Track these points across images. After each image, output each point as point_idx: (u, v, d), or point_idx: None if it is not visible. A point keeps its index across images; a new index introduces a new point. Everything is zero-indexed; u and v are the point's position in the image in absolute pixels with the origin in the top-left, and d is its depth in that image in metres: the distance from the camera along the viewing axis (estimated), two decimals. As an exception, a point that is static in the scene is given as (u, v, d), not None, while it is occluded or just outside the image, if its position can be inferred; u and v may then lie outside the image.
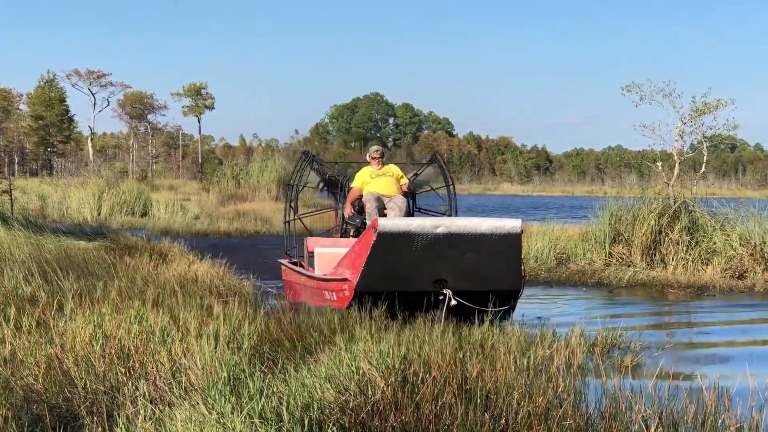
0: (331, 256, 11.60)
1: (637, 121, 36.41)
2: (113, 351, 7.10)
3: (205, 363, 6.26)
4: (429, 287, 10.02)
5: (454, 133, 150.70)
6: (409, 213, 13.18)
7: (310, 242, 12.77)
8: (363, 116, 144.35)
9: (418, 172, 14.28)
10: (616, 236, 18.76)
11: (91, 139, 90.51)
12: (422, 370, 6.20)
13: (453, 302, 9.91)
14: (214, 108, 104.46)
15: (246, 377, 5.79)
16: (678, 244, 17.86)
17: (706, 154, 21.32)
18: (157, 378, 6.49)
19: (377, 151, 13.31)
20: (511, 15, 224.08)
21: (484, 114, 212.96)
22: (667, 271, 17.41)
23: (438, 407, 5.52)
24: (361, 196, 12.92)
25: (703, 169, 21.62)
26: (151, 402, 5.82)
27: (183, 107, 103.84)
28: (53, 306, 8.65)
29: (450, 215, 13.55)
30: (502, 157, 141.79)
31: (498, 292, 10.26)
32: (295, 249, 14.42)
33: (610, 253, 18.54)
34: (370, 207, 12.53)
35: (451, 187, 13.94)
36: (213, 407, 5.29)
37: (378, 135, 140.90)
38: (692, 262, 17.60)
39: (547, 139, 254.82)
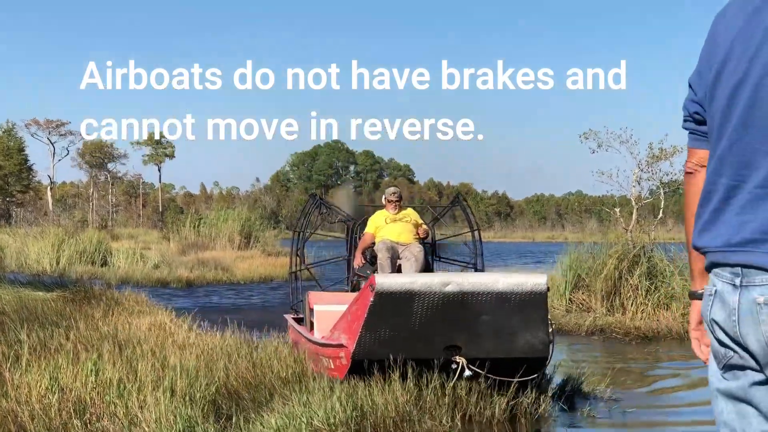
0: (332, 315, 10.05)
1: (596, 166, 36.75)
2: (70, 404, 7.04)
3: (159, 415, 6.20)
4: (439, 355, 8.42)
5: (415, 179, 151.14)
6: (427, 263, 12.04)
7: (312, 297, 11.17)
8: (324, 164, 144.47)
9: (439, 215, 13.47)
10: (576, 283, 18.85)
11: (51, 189, 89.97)
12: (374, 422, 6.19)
13: (467, 372, 8.37)
14: (174, 156, 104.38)
15: (200, 430, 5.75)
16: (637, 289, 17.95)
17: (663, 199, 21.51)
18: (113, 431, 6.43)
19: (394, 194, 12.27)
20: (469, 64, 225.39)
21: (445, 160, 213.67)
22: (625, 316, 17.49)
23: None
24: (374, 243, 11.89)
25: (661, 214, 21.79)
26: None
27: (143, 156, 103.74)
28: (9, 358, 8.56)
29: (476, 265, 12.57)
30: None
31: (521, 359, 8.69)
32: (301, 303, 12.54)
33: (570, 300, 18.61)
34: (382, 257, 11.50)
35: (477, 232, 12.78)
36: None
37: (339, 182, 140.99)
38: (651, 307, 17.69)
39: (507, 185, 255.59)
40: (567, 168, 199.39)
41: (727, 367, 2.50)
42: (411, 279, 8.15)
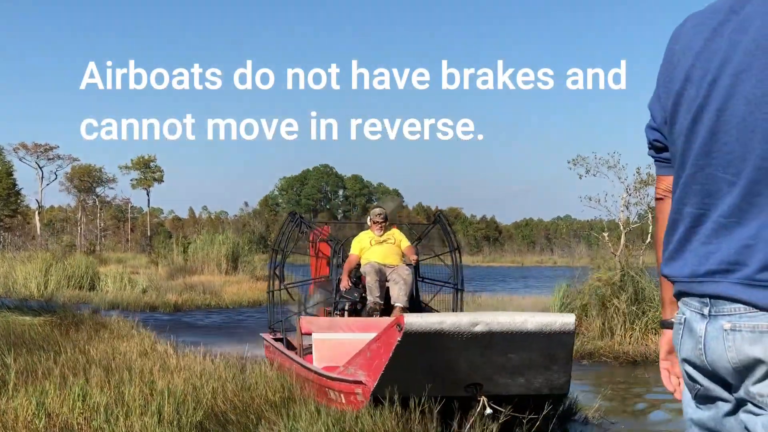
0: (333, 344, 10.10)
1: (584, 191, 36.81)
2: (57, 429, 7.00)
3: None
4: (461, 393, 8.22)
5: (404, 204, 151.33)
6: (415, 285, 11.98)
7: (305, 323, 10.92)
8: (313, 188, 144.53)
9: (422, 236, 13.21)
10: (566, 307, 18.89)
11: (39, 213, 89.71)
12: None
13: (488, 411, 8.10)
14: (163, 181, 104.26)
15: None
16: (625, 314, 17.97)
17: (652, 224, 21.54)
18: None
19: (380, 215, 12.04)
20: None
21: (433, 185, 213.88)
22: (614, 341, 17.49)
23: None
24: (359, 265, 11.71)
25: (649, 239, 21.83)
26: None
27: (132, 180, 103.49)
28: (-5, 384, 8.52)
29: (456, 286, 12.51)
30: (452, 228, 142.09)
31: (542, 396, 8.58)
32: (281, 323, 12.63)
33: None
34: (370, 280, 11.33)
35: (457, 253, 12.57)
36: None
37: (328, 207, 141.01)
38: (639, 332, 17.70)
39: (496, 210, 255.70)
40: (555, 193, 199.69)
41: (699, 398, 2.49)
42: (440, 319, 7.95)
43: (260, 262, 43.43)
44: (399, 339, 7.74)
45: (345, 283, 11.62)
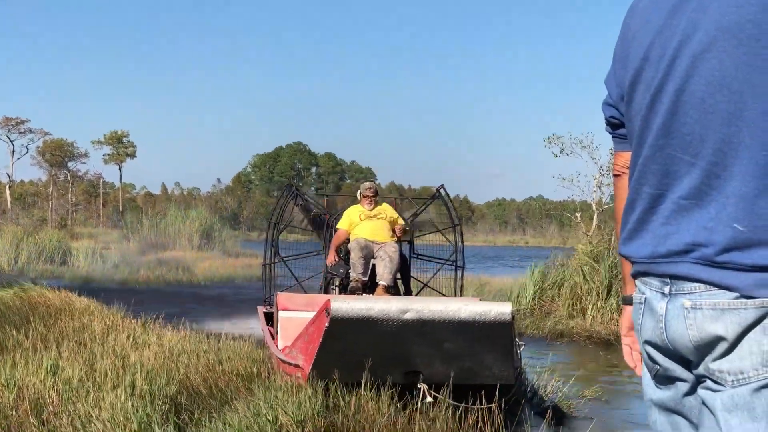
0: (297, 322, 9.55)
1: (558, 171, 36.95)
2: (27, 401, 6.95)
3: (115, 414, 6.13)
4: (400, 380, 7.97)
5: (377, 182, 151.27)
6: (404, 262, 11.72)
7: (282, 299, 10.45)
8: (286, 165, 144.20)
9: (418, 211, 12.91)
10: (540, 287, 18.98)
11: (10, 187, 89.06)
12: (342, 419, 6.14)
13: (428, 398, 7.83)
14: (135, 156, 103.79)
15: (158, 428, 5.68)
16: (597, 294, 18.06)
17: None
18: (71, 430, 6.36)
19: (370, 188, 11.70)
20: (432, 66, 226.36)
21: (407, 164, 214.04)
22: (585, 321, 17.58)
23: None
24: (348, 240, 11.41)
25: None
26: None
27: (104, 155, 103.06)
28: (-36, 356, 8.46)
29: (457, 264, 12.27)
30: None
31: (485, 386, 8.24)
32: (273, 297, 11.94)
33: (533, 305, 18.70)
34: (354, 257, 11.05)
35: (458, 228, 12.30)
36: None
37: (301, 184, 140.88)
38: (610, 311, 17.80)
39: (469, 189, 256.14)
40: (529, 172, 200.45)
41: (659, 378, 2.51)
42: (368, 305, 7.61)
43: (232, 238, 43.40)
44: (326, 324, 7.51)
45: (332, 258, 11.39)
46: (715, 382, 2.30)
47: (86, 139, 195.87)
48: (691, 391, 2.43)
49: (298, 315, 9.76)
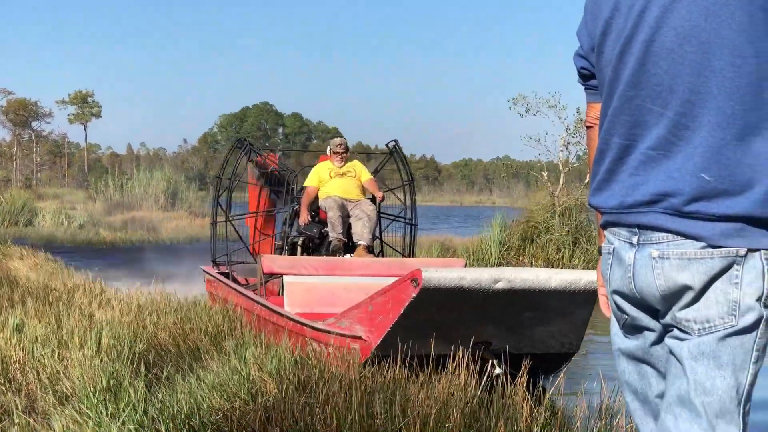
0: (308, 288, 9.27)
1: (524, 131, 36.99)
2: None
3: (83, 371, 6.10)
4: (467, 350, 7.29)
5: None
6: (378, 222, 11.32)
7: (267, 261, 9.90)
8: (252, 125, 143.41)
9: (378, 168, 12.48)
10: (505, 244, 19.06)
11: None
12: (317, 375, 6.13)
13: (498, 370, 7.42)
14: (100, 116, 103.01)
15: (128, 385, 5.66)
16: (561, 249, 18.17)
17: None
18: (37, 387, 6.33)
19: (340, 145, 11.27)
20: (400, 27, 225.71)
21: (374, 124, 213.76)
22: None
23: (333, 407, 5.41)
24: (317, 198, 11.01)
25: (587, 179, 22.02)
26: (28, 413, 5.66)
27: (69, 115, 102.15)
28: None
29: (409, 220, 11.90)
30: (391, 167, 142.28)
31: (553, 355, 8.20)
32: (225, 256, 11.79)
33: (500, 262, 18.79)
34: (333, 216, 10.64)
35: (410, 185, 11.94)
36: (90, 416, 5.16)
37: (267, 144, 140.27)
38: (576, 267, 17.91)
39: (435, 149, 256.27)
40: (495, 132, 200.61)
41: (626, 328, 2.54)
42: (460, 273, 7.29)
43: (198, 199, 43.18)
44: (414, 295, 7.14)
45: (304, 217, 10.92)
46: (682, 331, 2.33)
47: (50, 99, 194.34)
48: (659, 340, 2.46)
49: (307, 280, 9.44)
